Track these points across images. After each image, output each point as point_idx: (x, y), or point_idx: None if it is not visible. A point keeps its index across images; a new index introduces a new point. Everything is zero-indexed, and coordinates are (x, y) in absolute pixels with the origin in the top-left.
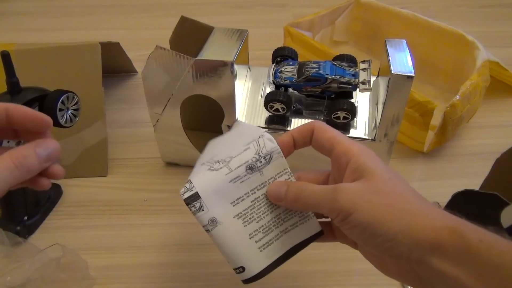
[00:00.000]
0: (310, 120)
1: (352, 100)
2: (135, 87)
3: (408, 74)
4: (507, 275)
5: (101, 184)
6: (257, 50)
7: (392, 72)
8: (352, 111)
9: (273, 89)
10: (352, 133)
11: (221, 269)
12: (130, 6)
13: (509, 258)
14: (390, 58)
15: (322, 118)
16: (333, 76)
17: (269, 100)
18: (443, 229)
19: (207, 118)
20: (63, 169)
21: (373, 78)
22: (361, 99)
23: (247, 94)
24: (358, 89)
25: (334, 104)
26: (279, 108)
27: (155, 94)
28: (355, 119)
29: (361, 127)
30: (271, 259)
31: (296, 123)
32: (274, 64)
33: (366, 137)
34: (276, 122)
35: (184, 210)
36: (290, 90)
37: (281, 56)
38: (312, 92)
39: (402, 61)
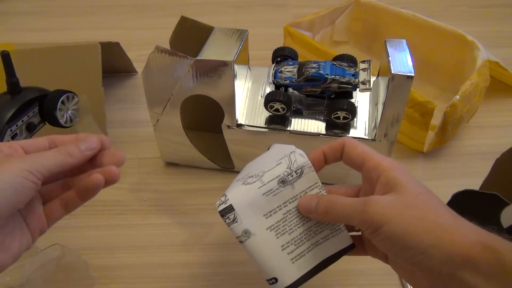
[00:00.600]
0: (340, 137)
1: (352, 100)
2: (135, 87)
3: (408, 74)
4: None
5: None
6: (257, 50)
7: (392, 72)
8: (352, 111)
9: (273, 89)
10: (352, 133)
11: (221, 269)
12: (130, 6)
13: None
14: (390, 58)
15: (322, 118)
16: (333, 76)
17: (269, 100)
18: (476, 244)
19: (207, 118)
20: (117, 172)
21: (373, 78)
22: (361, 99)
23: (247, 94)
24: (358, 89)
25: (334, 104)
26: (279, 108)
27: (155, 94)
28: (355, 119)
29: (361, 127)
30: (303, 271)
31: (296, 123)
32: (274, 64)
33: (366, 137)
34: (276, 122)
35: (184, 210)
36: (290, 90)
37: (281, 56)
38: (312, 92)
39: (402, 61)
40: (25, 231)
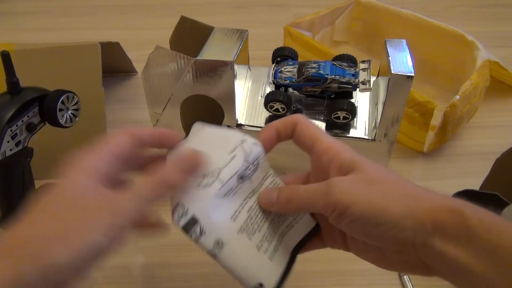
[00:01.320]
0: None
1: (352, 100)
2: (135, 87)
3: (408, 74)
4: (505, 255)
5: None
6: (257, 50)
7: (392, 72)
8: (352, 111)
9: (273, 89)
10: (352, 133)
11: (221, 269)
12: (130, 6)
13: (509, 238)
14: (390, 58)
15: (322, 118)
16: (333, 76)
17: (269, 100)
18: (444, 209)
19: (207, 118)
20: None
21: (373, 78)
22: (361, 99)
23: (247, 94)
24: (358, 89)
25: (334, 104)
26: (279, 108)
27: (155, 94)
28: (355, 119)
29: (361, 127)
30: (282, 266)
31: None
32: (274, 64)
33: (366, 137)
34: None
35: None
36: (290, 90)
37: (281, 56)
38: (312, 92)
39: (402, 61)
40: None
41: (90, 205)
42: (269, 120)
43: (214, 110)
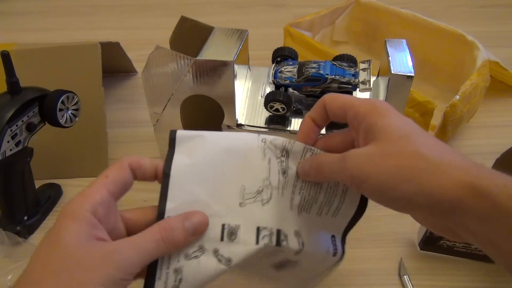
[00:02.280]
0: None
1: None
2: (135, 87)
3: (408, 74)
4: None
5: None
6: (257, 50)
7: (392, 72)
8: None
9: (273, 89)
10: None
11: None
12: (130, 6)
13: None
14: (390, 58)
15: None
16: (333, 76)
17: (269, 100)
18: (464, 186)
19: (207, 118)
20: None
21: (373, 78)
22: None
23: (247, 94)
24: (358, 89)
25: None
26: (279, 108)
27: (155, 94)
28: None
29: None
30: (349, 215)
31: (296, 123)
32: (274, 64)
33: None
34: (276, 122)
35: None
36: (290, 90)
37: (281, 56)
38: (312, 92)
39: (402, 61)
40: None
41: (94, 259)
42: (269, 120)
43: (214, 110)
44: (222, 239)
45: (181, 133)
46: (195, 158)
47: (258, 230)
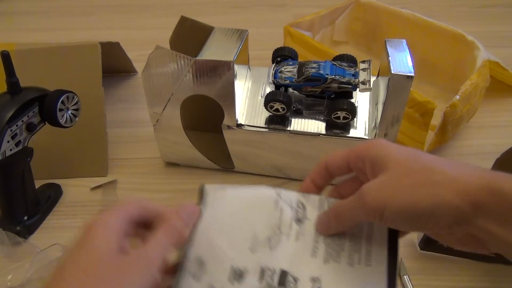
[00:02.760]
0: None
1: (352, 100)
2: (135, 87)
3: (408, 74)
4: None
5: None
6: (257, 50)
7: (392, 72)
8: (352, 111)
9: (273, 89)
10: (352, 133)
11: None
12: (130, 6)
13: None
14: (390, 58)
15: (322, 118)
16: (333, 76)
17: (269, 100)
18: (481, 189)
19: (207, 118)
20: None
21: (373, 78)
22: (361, 99)
23: (247, 94)
24: (358, 89)
25: (334, 104)
26: (279, 108)
27: (155, 94)
28: (355, 119)
29: (361, 127)
30: (383, 262)
31: (296, 123)
32: (274, 64)
33: (366, 137)
34: (276, 122)
35: None
36: (290, 90)
37: (281, 56)
38: (312, 92)
39: (402, 61)
40: None
41: (124, 260)
42: (269, 120)
43: (214, 110)
44: (230, 280)
45: (208, 186)
46: (216, 208)
47: (262, 271)
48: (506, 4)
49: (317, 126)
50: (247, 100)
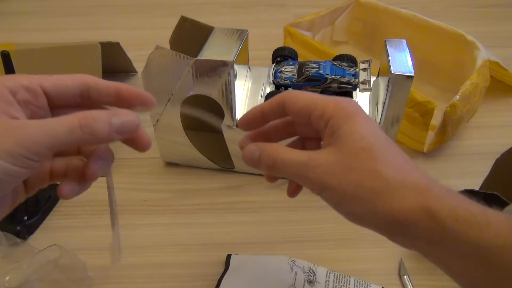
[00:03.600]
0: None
1: None
2: (135, 87)
3: (408, 74)
4: (485, 254)
5: (101, 184)
6: (257, 50)
7: (392, 72)
8: None
9: (273, 89)
10: None
11: (221, 269)
12: (130, 6)
13: (488, 236)
14: (390, 58)
15: None
16: (333, 76)
17: None
18: (416, 209)
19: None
20: (149, 138)
21: (373, 78)
22: (361, 99)
23: (247, 94)
24: (358, 89)
25: None
26: None
27: (155, 94)
28: None
29: None
30: None
31: None
32: (274, 64)
33: None
34: None
35: (184, 210)
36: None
37: (281, 56)
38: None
39: (402, 61)
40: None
41: None
42: None
43: (214, 110)
44: None
45: (234, 257)
46: (239, 273)
47: None
48: (506, 4)
49: None
50: (247, 100)
